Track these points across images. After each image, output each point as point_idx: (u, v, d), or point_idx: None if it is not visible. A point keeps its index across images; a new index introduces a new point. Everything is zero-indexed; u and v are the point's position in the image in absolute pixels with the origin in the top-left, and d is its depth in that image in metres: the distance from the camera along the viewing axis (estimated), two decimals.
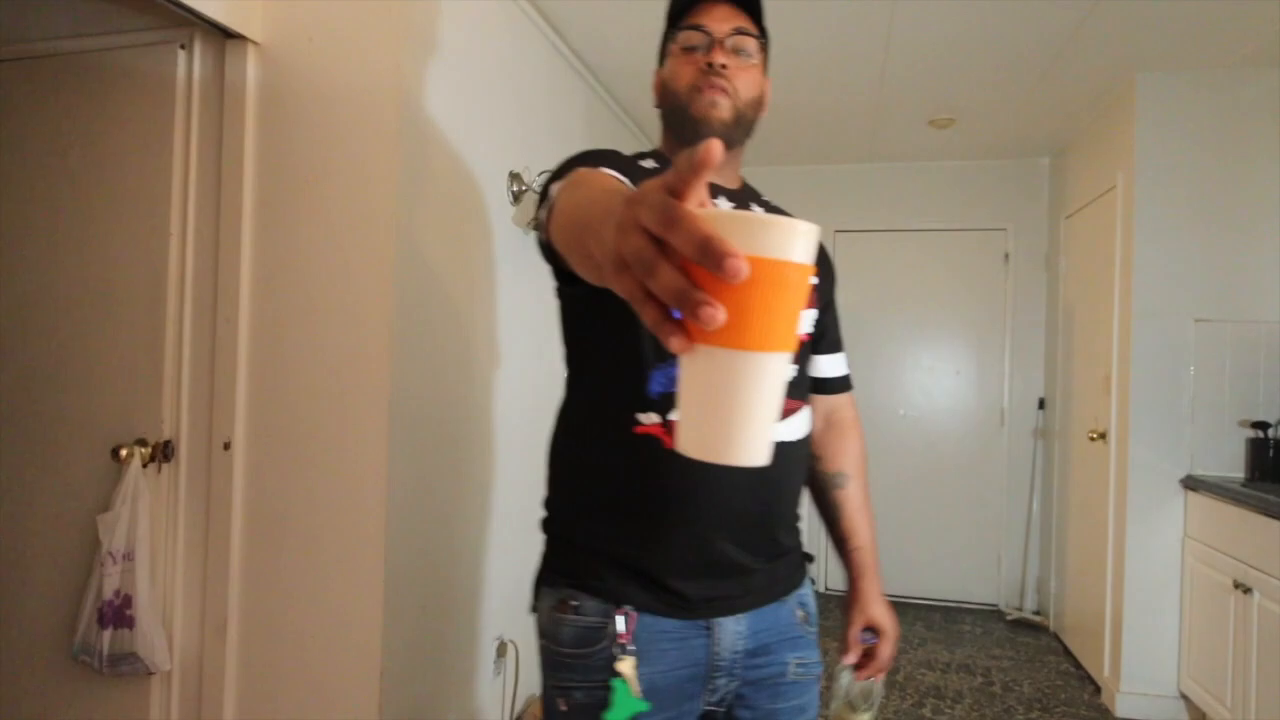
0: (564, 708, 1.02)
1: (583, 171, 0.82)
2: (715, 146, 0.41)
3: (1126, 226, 2.94)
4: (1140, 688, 2.85)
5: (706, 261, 0.39)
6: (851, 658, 1.20)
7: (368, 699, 1.72)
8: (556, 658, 1.03)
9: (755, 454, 0.47)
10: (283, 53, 1.78)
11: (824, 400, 1.26)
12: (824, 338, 1.23)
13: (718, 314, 0.40)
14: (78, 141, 1.87)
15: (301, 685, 1.77)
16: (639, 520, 1.00)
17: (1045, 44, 2.62)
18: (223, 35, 1.77)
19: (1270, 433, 2.66)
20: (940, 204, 4.16)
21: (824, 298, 1.20)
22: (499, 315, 2.26)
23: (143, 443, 1.78)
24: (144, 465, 1.77)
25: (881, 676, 1.21)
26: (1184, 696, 2.79)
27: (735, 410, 0.45)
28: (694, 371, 0.46)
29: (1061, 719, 2.84)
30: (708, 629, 1.02)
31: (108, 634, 1.71)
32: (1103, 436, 3.11)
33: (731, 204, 1.09)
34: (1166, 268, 2.84)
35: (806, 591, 1.15)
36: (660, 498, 0.99)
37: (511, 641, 2.32)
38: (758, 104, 1.09)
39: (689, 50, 1.07)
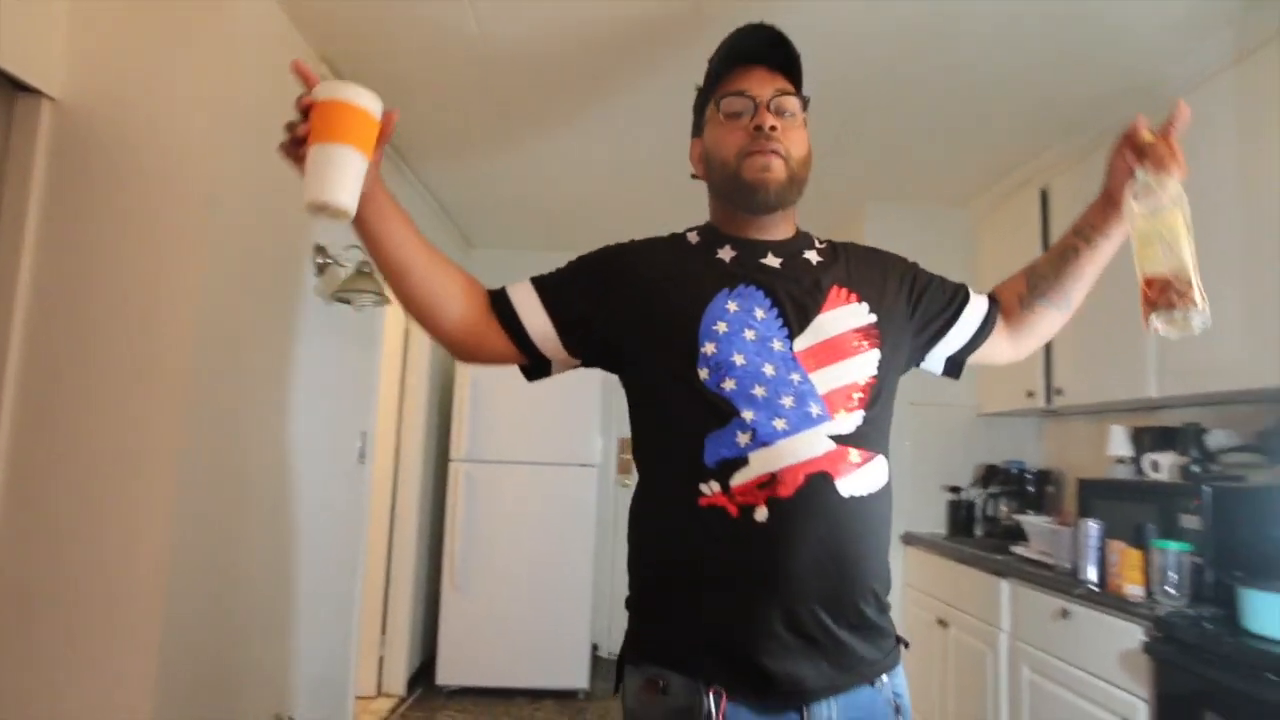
0: None
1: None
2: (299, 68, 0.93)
3: None
4: None
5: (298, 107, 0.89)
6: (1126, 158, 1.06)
7: None
8: None
9: (330, 196, 0.85)
10: (85, 112, 1.75)
11: (1001, 326, 1.22)
12: (947, 318, 1.18)
13: (297, 129, 0.88)
14: None
15: None
16: (723, 594, 0.96)
17: None
18: (13, 87, 1.71)
19: (962, 495, 3.29)
20: None
21: (895, 308, 1.13)
22: (302, 383, 2.27)
23: None
24: None
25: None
26: None
27: (322, 171, 0.85)
28: (308, 160, 0.87)
29: None
30: (799, 714, 0.96)
31: None
32: None
33: (778, 258, 1.09)
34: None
35: (900, 681, 1.05)
36: (741, 567, 0.95)
37: (290, 718, 2.25)
38: (806, 161, 1.08)
39: (733, 116, 1.06)
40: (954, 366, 1.24)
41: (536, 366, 1.11)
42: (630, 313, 1.06)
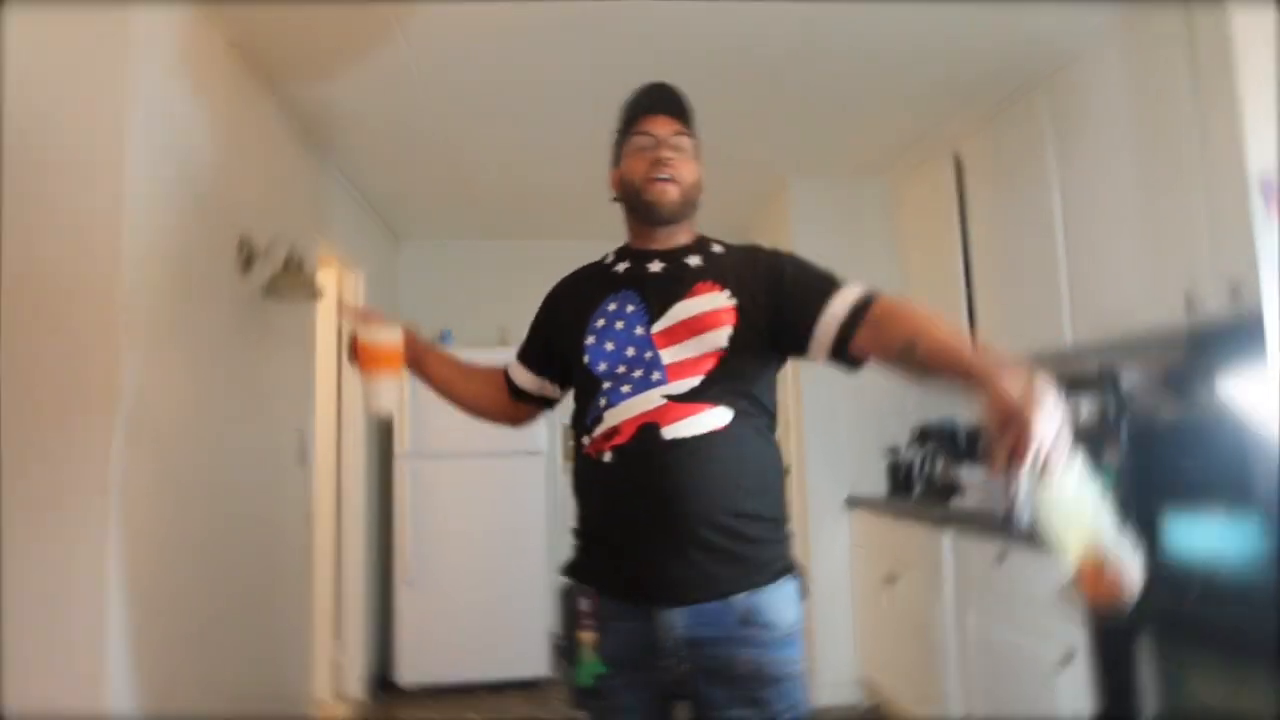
0: (561, 657, 1.34)
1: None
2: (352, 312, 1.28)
3: None
4: (830, 678, 3.38)
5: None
6: (996, 466, 0.95)
7: None
8: (561, 621, 1.34)
9: (378, 409, 1.42)
10: None
11: (861, 328, 1.22)
12: (794, 317, 1.27)
13: (357, 358, 1.41)
14: None
15: None
16: (596, 520, 1.31)
17: (720, 141, 3.17)
18: None
19: (900, 456, 3.40)
20: None
21: (756, 301, 1.28)
22: (233, 383, 2.20)
23: None
24: None
25: (1053, 457, 0.92)
26: (862, 681, 3.37)
27: (371, 392, 1.41)
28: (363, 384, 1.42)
29: None
30: (649, 616, 1.21)
31: None
32: (788, 470, 3.72)
33: (662, 264, 1.35)
34: None
35: (763, 599, 1.21)
36: (600, 499, 1.29)
37: None
38: (697, 186, 1.36)
39: (640, 150, 1.34)
40: (842, 360, 1.26)
41: (548, 405, 1.54)
42: (558, 336, 1.42)
